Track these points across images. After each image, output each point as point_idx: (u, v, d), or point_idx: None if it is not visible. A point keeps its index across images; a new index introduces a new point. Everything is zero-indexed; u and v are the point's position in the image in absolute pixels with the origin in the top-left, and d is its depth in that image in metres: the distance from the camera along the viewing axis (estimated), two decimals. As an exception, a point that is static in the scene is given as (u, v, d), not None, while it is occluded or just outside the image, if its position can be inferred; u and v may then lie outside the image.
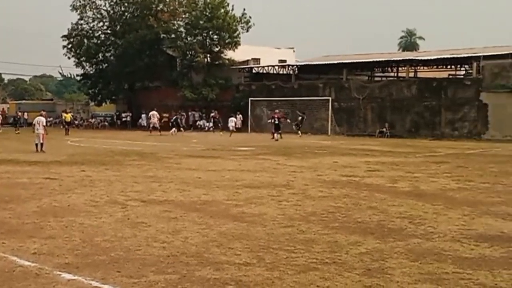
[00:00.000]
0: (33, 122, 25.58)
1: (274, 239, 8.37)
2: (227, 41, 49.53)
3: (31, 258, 7.33)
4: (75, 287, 6.27)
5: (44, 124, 25.11)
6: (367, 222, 9.66)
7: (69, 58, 56.44)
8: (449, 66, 47.89)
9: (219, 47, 50.09)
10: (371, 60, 45.33)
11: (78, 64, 56.90)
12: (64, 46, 55.75)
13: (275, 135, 34.22)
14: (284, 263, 7.11)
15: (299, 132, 38.40)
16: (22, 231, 8.85)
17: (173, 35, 52.24)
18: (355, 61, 45.55)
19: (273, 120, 35.79)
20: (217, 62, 50.19)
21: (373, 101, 41.41)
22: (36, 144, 24.34)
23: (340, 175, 16.28)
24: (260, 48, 54.35)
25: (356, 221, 9.73)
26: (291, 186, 13.87)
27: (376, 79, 49.62)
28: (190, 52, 50.38)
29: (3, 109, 63.85)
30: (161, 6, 52.99)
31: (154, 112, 43.77)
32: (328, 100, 42.10)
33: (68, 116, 42.49)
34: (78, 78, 59.37)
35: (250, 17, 50.26)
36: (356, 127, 41.95)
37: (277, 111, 36.99)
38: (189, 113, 50.25)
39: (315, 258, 7.30)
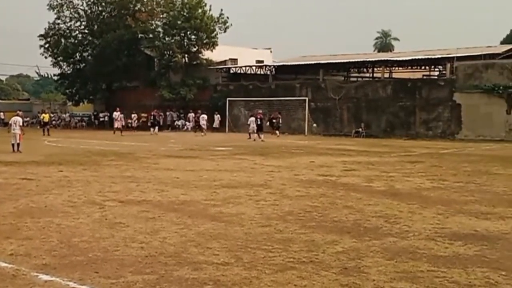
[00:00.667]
0: (10, 122, 25.25)
1: (252, 238, 8.37)
2: (204, 41, 49.45)
3: (8, 259, 7.22)
4: (53, 288, 6.20)
5: (21, 124, 24.83)
6: (344, 221, 9.70)
7: (46, 57, 55.95)
8: (423, 67, 48.41)
9: (197, 47, 49.99)
10: (347, 60, 45.60)
11: (55, 64, 56.33)
12: (41, 46, 55.20)
13: (256, 135, 34.11)
14: (262, 262, 7.11)
15: (277, 132, 38.37)
16: (-1, 232, 8.73)
17: (151, 35, 51.98)
18: (331, 61, 45.80)
19: (255, 120, 35.54)
20: (195, 62, 50.09)
21: (349, 101, 41.66)
22: (13, 144, 24.02)
23: (316, 175, 16.34)
24: (238, 49, 54.37)
25: (333, 220, 9.77)
26: (268, 186, 13.88)
27: (352, 79, 49.94)
28: (168, 52, 50.18)
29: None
30: (138, 6, 52.71)
31: (117, 113, 43.29)
32: (305, 100, 42.25)
33: (46, 116, 41.89)
34: (55, 78, 58.83)
35: (227, 17, 50.35)
36: (332, 127, 42.17)
37: (260, 111, 36.93)
38: (167, 113, 50.03)
39: (292, 257, 7.31)
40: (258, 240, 8.28)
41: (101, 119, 54.76)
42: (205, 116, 42.09)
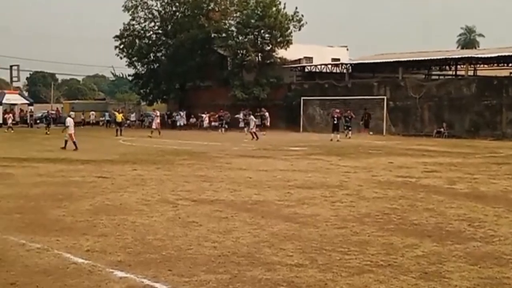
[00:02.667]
0: (65, 123, 27.12)
1: (327, 240, 8.33)
2: (278, 39, 49.48)
3: (84, 256, 7.52)
4: (127, 285, 6.39)
5: (73, 124, 26.69)
6: (424, 224, 9.49)
7: (121, 58, 57.70)
8: (510, 64, 46.53)
9: (270, 46, 50.10)
10: (428, 58, 44.50)
11: (130, 64, 58.02)
12: (116, 47, 57.00)
13: (333, 135, 33.96)
14: (338, 265, 7.07)
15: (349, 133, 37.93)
16: (76, 229, 9.09)
17: (224, 34, 52.56)
18: (411, 59, 44.79)
19: (332, 120, 35.38)
20: (268, 61, 50.23)
21: (430, 100, 40.63)
22: (66, 141, 25.60)
23: (395, 176, 16.05)
24: (313, 47, 54.12)
25: (412, 223, 9.58)
26: (344, 187, 13.77)
27: (433, 77, 48.68)
28: (241, 51, 50.58)
29: (57, 108, 65.73)
30: (212, 5, 53.44)
31: (154, 113, 43.76)
32: (383, 99, 41.59)
33: (119, 116, 42.98)
34: (130, 78, 60.45)
35: (302, 15, 50.14)
36: (412, 127, 41.27)
37: (337, 110, 36.65)
38: (240, 113, 50.40)
39: (369, 261, 7.23)
40: (334, 242, 8.23)
41: (174, 119, 55.84)
42: (254, 118, 42.11)
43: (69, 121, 26.58)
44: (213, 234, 8.74)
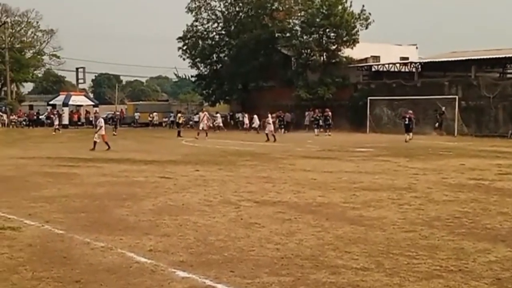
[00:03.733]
0: (100, 124, 27.49)
1: (394, 244, 8.20)
2: (344, 38, 49.08)
3: (147, 255, 7.67)
4: (189, 285, 6.47)
5: (102, 125, 27.24)
6: (498, 228, 9.21)
7: (184, 59, 58.68)
8: None
9: (336, 45, 49.75)
10: (502, 56, 43.12)
11: (193, 65, 58.90)
12: (179, 48, 58.01)
13: (406, 135, 33.50)
14: (405, 269, 6.94)
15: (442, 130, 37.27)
16: (139, 228, 9.29)
17: (288, 34, 52.59)
18: (484, 57, 43.53)
19: (404, 120, 34.97)
20: (334, 61, 49.89)
21: (505, 100, 39.38)
22: (95, 143, 26.06)
23: (467, 178, 15.63)
24: (380, 45, 53.45)
25: (485, 227, 9.31)
26: (413, 189, 13.52)
27: (509, 76, 47.14)
28: (306, 51, 50.49)
29: (121, 109, 67.45)
30: (276, 5, 53.59)
31: (202, 114, 43.68)
32: (455, 98, 40.61)
33: (180, 117, 43.37)
34: (193, 79, 61.38)
35: (369, 13, 49.58)
36: (486, 128, 40.10)
37: (410, 111, 36.14)
38: (305, 113, 50.28)
39: (439, 265, 7.07)
40: (401, 245, 8.09)
41: (236, 120, 56.29)
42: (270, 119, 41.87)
43: (101, 122, 27.22)
44: (276, 235, 8.75)
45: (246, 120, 48.40)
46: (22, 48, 67.68)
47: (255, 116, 45.69)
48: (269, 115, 36.28)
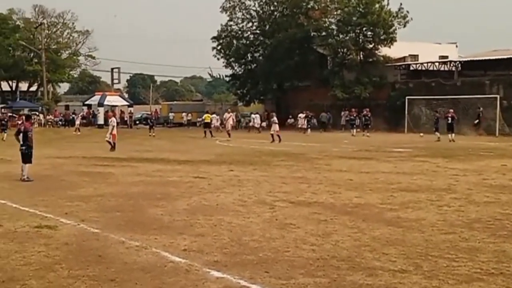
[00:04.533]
0: (113, 124, 27.40)
1: (433, 246, 8.11)
2: (382, 37, 48.72)
3: (182, 255, 7.73)
4: (224, 285, 6.50)
5: (114, 124, 27.17)
6: (542, 231, 9.02)
7: (218, 59, 58.90)
8: None
9: (373, 44, 49.43)
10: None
11: (227, 65, 59.12)
12: (213, 48, 58.27)
13: (449, 135, 33.09)
14: (444, 272, 6.86)
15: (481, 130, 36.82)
16: (173, 228, 9.38)
17: (324, 33, 52.38)
18: (528, 55, 42.66)
19: (447, 120, 34.57)
20: (371, 59, 49.58)
21: (551, 99, 38.55)
22: (109, 142, 26.09)
23: (509, 180, 15.34)
24: (418, 44, 52.91)
25: (529, 230, 9.13)
26: (452, 190, 13.33)
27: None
28: (342, 50, 50.29)
29: (155, 110, 68.09)
30: (311, 3, 53.43)
31: (228, 115, 43.56)
32: (496, 98, 39.89)
33: (208, 117, 43.36)
34: (227, 78, 61.62)
35: (407, 11, 49.06)
36: (530, 128, 39.28)
37: (451, 110, 35.69)
38: (342, 113, 50.06)
39: (479, 268, 6.97)
40: (440, 248, 8.00)
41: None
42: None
43: (113, 121, 27.35)
44: (312, 236, 8.73)
45: (258, 120, 48.17)
46: (58, 49, 68.77)
47: (257, 116, 46.41)
48: (274, 115, 36.09)
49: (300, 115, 46.66)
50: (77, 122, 48.75)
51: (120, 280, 6.70)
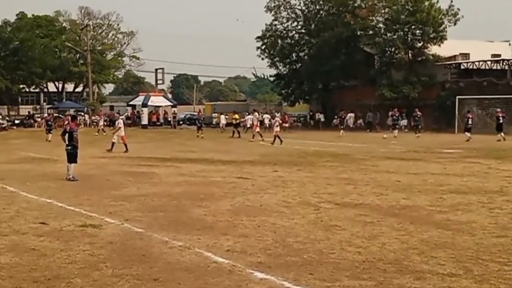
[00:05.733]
0: (119, 125, 27.13)
1: (484, 249, 7.96)
2: (431, 35, 48.09)
3: (225, 255, 7.77)
4: (268, 287, 6.52)
5: (121, 125, 26.89)
6: None
7: (262, 59, 59.03)
8: None
9: (422, 42, 48.83)
10: None
11: (272, 65, 59.17)
12: (258, 48, 58.39)
13: (499, 135, 32.48)
14: (496, 276, 6.73)
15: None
16: (216, 228, 9.43)
17: (371, 32, 52.04)
18: None
19: (497, 120, 33.99)
20: (419, 58, 48.96)
21: None
22: (113, 143, 25.74)
23: None
24: (469, 42, 52.09)
25: None
26: (505, 193, 13.04)
27: None
28: (390, 49, 49.84)
29: (199, 110, 68.62)
30: (358, 2, 53.09)
31: (255, 114, 43.02)
32: (552, 97, 38.92)
33: (237, 117, 43.01)
34: (272, 78, 61.65)
35: (458, 9, 48.28)
36: None
37: (498, 109, 35.02)
38: (389, 113, 49.51)
39: (533, 273, 6.80)
40: (492, 251, 7.84)
41: (316, 119, 56.08)
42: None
43: (120, 123, 27.18)
44: (357, 239, 8.66)
45: (270, 121, 47.04)
46: (103, 50, 70.12)
47: (249, 117, 44.83)
48: (277, 116, 35.65)
49: (350, 114, 46.33)
50: (101, 123, 47.39)
51: (163, 279, 6.77)
